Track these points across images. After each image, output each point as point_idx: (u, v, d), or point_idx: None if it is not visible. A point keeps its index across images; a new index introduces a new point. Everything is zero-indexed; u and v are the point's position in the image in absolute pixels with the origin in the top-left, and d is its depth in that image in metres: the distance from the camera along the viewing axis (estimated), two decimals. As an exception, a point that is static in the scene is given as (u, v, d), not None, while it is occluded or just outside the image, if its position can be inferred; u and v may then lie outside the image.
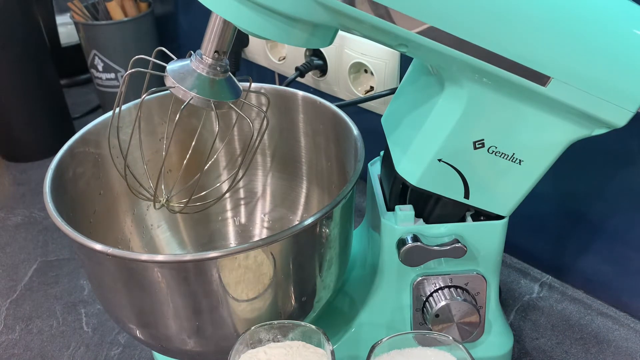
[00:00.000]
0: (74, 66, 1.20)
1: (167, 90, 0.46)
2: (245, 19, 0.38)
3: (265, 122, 0.59)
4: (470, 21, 0.37)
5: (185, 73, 0.45)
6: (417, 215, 0.50)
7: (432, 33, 0.37)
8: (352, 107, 0.76)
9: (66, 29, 1.18)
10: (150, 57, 0.50)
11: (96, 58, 1.01)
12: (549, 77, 0.39)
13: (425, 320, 0.52)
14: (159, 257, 0.42)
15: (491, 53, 0.38)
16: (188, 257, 0.43)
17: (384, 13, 0.36)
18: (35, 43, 0.94)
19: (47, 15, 1.11)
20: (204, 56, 0.44)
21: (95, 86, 1.08)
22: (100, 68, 1.02)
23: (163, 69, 0.46)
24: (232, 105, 0.47)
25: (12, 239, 0.82)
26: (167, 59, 0.48)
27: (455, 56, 0.38)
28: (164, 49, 0.51)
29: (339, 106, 0.57)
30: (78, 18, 1.00)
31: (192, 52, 0.45)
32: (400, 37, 0.38)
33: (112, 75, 1.03)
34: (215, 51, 0.44)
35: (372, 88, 0.77)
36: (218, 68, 0.45)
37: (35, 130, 0.98)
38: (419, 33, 0.37)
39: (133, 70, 0.47)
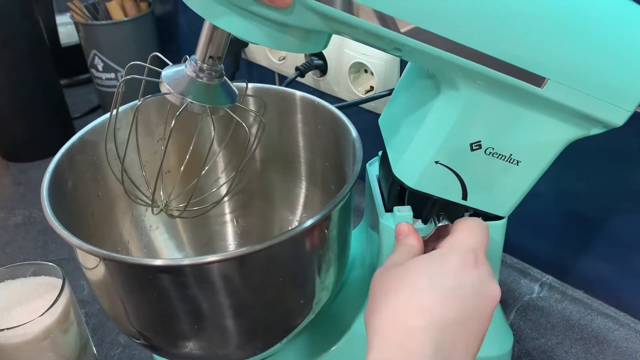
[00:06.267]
0: (74, 66, 1.20)
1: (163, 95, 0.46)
2: (236, 25, 0.38)
3: (261, 127, 0.59)
4: (463, 24, 0.37)
5: (180, 79, 0.45)
6: (416, 216, 0.49)
7: (425, 36, 0.37)
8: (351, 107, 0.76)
9: (66, 29, 1.18)
10: (148, 59, 0.50)
11: (96, 58, 1.01)
12: (544, 78, 0.38)
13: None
14: (157, 262, 0.42)
15: (486, 55, 0.37)
16: (186, 261, 0.43)
17: (377, 17, 0.36)
18: (35, 43, 0.94)
19: (47, 15, 1.11)
20: (198, 62, 0.44)
21: (95, 86, 1.08)
22: (100, 68, 1.02)
23: (159, 73, 0.46)
24: (228, 110, 0.47)
25: (12, 239, 0.82)
26: (164, 64, 0.48)
27: (449, 59, 0.38)
28: (159, 54, 0.51)
29: (339, 107, 0.57)
30: (78, 18, 1.00)
31: (187, 57, 0.45)
32: (394, 41, 0.38)
33: (112, 75, 1.03)
34: (210, 57, 0.44)
35: (372, 88, 0.77)
36: (213, 73, 0.45)
37: (35, 130, 0.98)
38: (412, 37, 0.37)
39: (128, 77, 0.47)
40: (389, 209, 0.51)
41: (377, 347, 0.37)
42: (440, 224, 0.48)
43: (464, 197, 0.47)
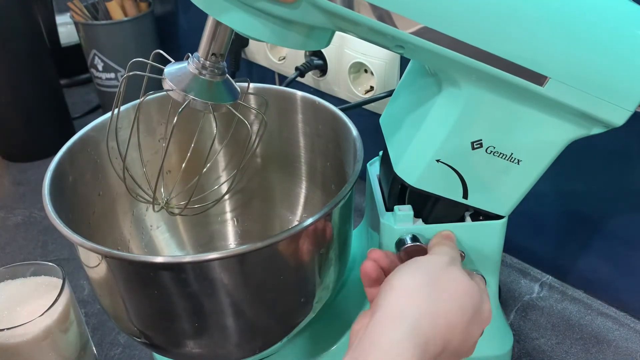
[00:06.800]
0: (74, 66, 1.20)
1: (165, 92, 0.46)
2: (240, 22, 0.38)
3: (263, 125, 0.59)
4: (467, 22, 0.37)
5: (183, 76, 0.45)
6: (416, 215, 0.50)
7: (429, 34, 0.37)
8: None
9: (66, 29, 1.18)
10: (149, 58, 0.50)
11: (96, 58, 1.01)
12: (546, 77, 0.39)
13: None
14: (158, 259, 0.42)
15: (488, 54, 0.38)
16: (187, 258, 0.43)
17: (380, 15, 0.36)
18: (35, 43, 0.94)
19: (47, 15, 1.11)
20: (201, 59, 0.44)
21: (95, 86, 1.08)
22: (100, 68, 1.02)
23: (161, 71, 0.46)
24: (230, 107, 0.47)
25: (12, 239, 0.82)
26: (166, 62, 0.48)
27: (452, 57, 0.38)
28: (161, 51, 0.51)
29: (342, 109, 0.57)
30: (78, 18, 1.00)
31: (189, 54, 0.45)
32: (397, 38, 0.38)
33: (112, 75, 1.03)
34: (213, 54, 0.44)
35: (372, 88, 0.77)
36: (215, 70, 0.45)
37: (35, 130, 0.98)
38: (415, 34, 0.37)
39: (131, 73, 0.47)
40: (389, 208, 0.51)
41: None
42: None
43: (465, 196, 0.47)
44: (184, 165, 0.59)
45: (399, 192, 0.49)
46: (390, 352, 0.35)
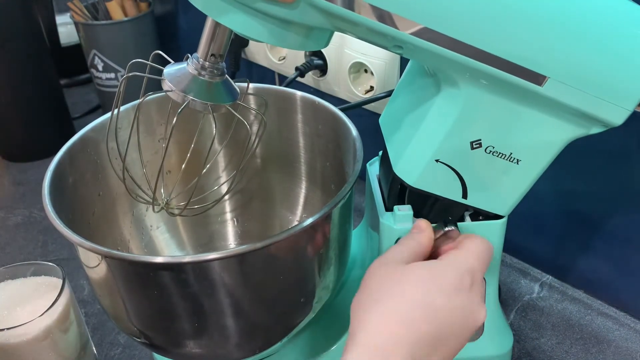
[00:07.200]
0: (74, 66, 1.20)
1: (164, 93, 0.46)
2: (239, 22, 0.38)
3: (262, 125, 0.59)
4: (465, 22, 0.37)
5: (182, 76, 0.45)
6: (416, 215, 0.49)
7: (427, 34, 0.37)
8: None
9: (66, 29, 1.18)
10: (150, 57, 0.50)
11: (96, 58, 1.01)
12: (545, 77, 0.39)
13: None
14: (158, 259, 0.42)
15: (487, 54, 0.38)
16: (187, 259, 0.43)
17: (379, 15, 0.36)
18: (35, 43, 0.94)
19: (47, 15, 1.11)
20: (200, 59, 0.44)
21: (95, 86, 1.08)
22: (100, 68, 1.02)
23: (161, 72, 0.46)
24: (229, 108, 0.47)
25: (12, 239, 0.82)
26: (165, 62, 0.48)
27: (450, 57, 0.38)
28: (161, 52, 0.51)
29: (342, 109, 0.57)
30: (78, 18, 1.00)
31: (189, 55, 0.46)
32: (395, 38, 0.38)
33: (112, 75, 1.03)
34: (212, 54, 0.44)
35: (372, 88, 0.77)
36: (215, 71, 0.45)
37: (35, 130, 0.98)
38: (415, 35, 0.37)
39: (130, 74, 0.47)
40: (389, 208, 0.51)
41: (359, 348, 0.38)
42: (447, 229, 0.47)
43: (464, 196, 0.47)
44: (183, 165, 0.59)
45: (398, 192, 0.49)
46: None
